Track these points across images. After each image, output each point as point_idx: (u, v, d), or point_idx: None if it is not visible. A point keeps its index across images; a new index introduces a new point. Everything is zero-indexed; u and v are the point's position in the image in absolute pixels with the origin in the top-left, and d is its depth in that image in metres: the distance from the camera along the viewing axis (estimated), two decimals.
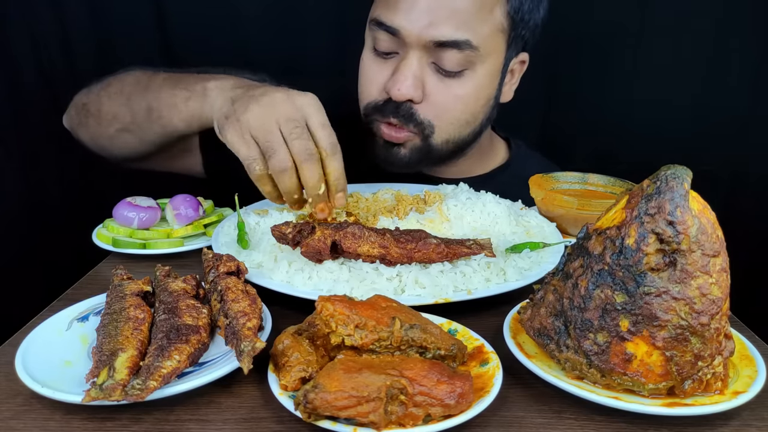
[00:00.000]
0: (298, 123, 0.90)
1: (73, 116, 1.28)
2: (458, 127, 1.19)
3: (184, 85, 1.07)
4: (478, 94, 1.18)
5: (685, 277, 0.60)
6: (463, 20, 1.09)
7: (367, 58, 1.20)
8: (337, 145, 0.92)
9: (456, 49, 1.10)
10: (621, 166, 1.23)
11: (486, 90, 1.19)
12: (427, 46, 1.10)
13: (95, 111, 1.21)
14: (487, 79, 1.17)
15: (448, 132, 1.19)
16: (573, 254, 0.67)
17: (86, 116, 1.23)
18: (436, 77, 1.14)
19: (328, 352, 0.66)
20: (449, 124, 1.18)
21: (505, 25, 1.15)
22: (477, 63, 1.13)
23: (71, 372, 0.66)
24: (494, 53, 1.16)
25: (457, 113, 1.17)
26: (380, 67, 1.17)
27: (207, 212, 1.10)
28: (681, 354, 0.61)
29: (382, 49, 1.15)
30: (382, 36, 1.13)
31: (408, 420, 0.57)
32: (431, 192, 1.11)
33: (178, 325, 0.68)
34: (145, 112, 1.13)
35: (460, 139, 1.22)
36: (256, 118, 0.90)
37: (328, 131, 0.92)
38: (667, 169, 0.62)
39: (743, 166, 1.68)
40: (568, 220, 1.06)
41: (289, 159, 0.89)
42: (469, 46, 1.10)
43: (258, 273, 0.85)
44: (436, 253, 0.85)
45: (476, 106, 1.19)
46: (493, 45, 1.14)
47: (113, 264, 0.96)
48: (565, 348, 0.65)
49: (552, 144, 1.60)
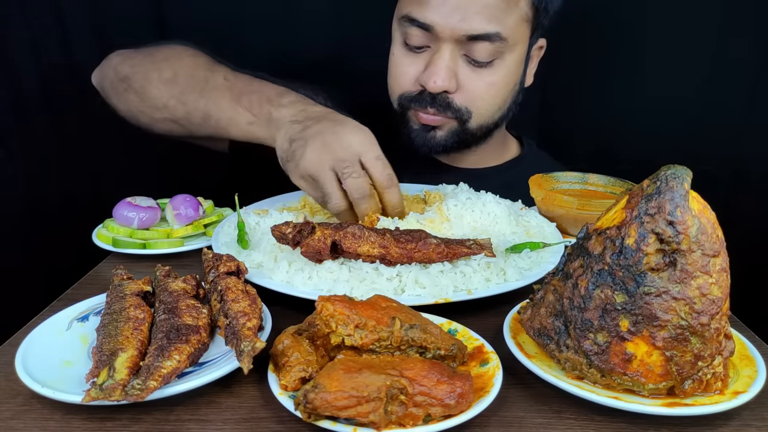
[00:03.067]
0: (350, 162, 0.93)
1: (109, 80, 1.24)
2: (492, 113, 1.26)
3: (247, 104, 1.08)
4: (507, 80, 1.24)
5: (685, 277, 0.60)
6: (493, 13, 1.14)
7: (398, 52, 1.24)
8: (392, 177, 0.96)
9: (487, 41, 1.15)
10: (621, 166, 1.23)
11: (514, 76, 1.25)
12: (459, 40, 1.15)
13: (140, 90, 1.19)
14: (514, 66, 1.23)
15: (484, 117, 1.25)
16: (573, 254, 0.67)
17: (127, 90, 1.21)
18: (468, 68, 1.19)
19: (328, 352, 0.66)
20: (484, 110, 1.24)
21: (530, 15, 1.20)
22: (506, 52, 1.19)
23: (71, 372, 0.66)
24: (520, 42, 1.22)
25: (491, 99, 1.23)
26: (412, 60, 1.22)
27: (207, 212, 1.10)
28: (681, 354, 0.61)
29: (414, 43, 1.20)
30: (414, 32, 1.18)
31: (408, 420, 0.57)
32: (431, 192, 1.11)
33: (178, 325, 0.68)
34: (201, 116, 1.13)
35: (492, 123, 1.28)
36: (311, 163, 0.94)
37: (383, 164, 0.96)
38: (667, 169, 0.62)
39: (743, 166, 1.68)
40: (568, 220, 1.06)
41: (343, 201, 0.95)
42: (499, 38, 1.15)
43: (258, 273, 0.85)
44: (436, 253, 0.85)
45: (506, 91, 1.25)
46: (519, 34, 1.20)
47: (113, 264, 0.96)
48: (565, 348, 0.65)
49: (551, 143, 1.59)
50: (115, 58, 1.25)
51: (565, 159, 1.45)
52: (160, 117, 1.19)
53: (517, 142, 1.48)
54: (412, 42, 1.20)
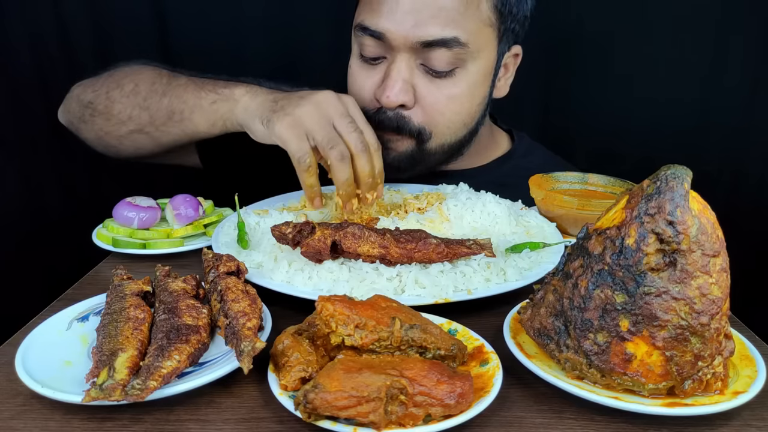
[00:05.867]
0: (352, 117, 0.98)
1: (74, 112, 1.25)
2: (455, 130, 1.17)
3: (210, 88, 1.09)
4: (472, 92, 1.15)
5: (685, 277, 0.60)
6: (450, 18, 1.07)
7: (355, 65, 1.18)
8: (379, 142, 1.00)
9: (444, 47, 1.08)
10: (621, 166, 1.23)
11: (480, 88, 1.17)
12: (414, 48, 1.08)
13: (104, 110, 1.19)
14: (480, 76, 1.15)
15: (445, 136, 1.17)
16: (573, 254, 0.67)
17: (92, 115, 1.21)
18: (426, 79, 1.12)
19: (328, 352, 0.66)
20: (446, 127, 1.16)
21: (493, 19, 1.12)
22: (468, 60, 1.11)
23: (71, 372, 0.66)
24: (485, 49, 1.13)
25: (452, 114, 1.15)
26: (368, 73, 1.15)
27: (207, 212, 1.10)
28: (681, 354, 0.61)
29: (368, 54, 1.13)
30: (368, 41, 1.12)
31: (408, 420, 0.57)
32: (431, 192, 1.11)
33: (178, 325, 0.68)
34: (165, 114, 1.13)
35: (456, 142, 1.19)
36: (310, 115, 0.96)
37: (371, 128, 1.01)
38: (667, 169, 0.62)
39: (743, 166, 1.68)
40: (568, 220, 1.06)
41: (347, 150, 0.96)
42: (457, 44, 1.08)
43: (258, 273, 0.85)
44: (436, 253, 0.85)
45: (471, 105, 1.17)
46: (482, 40, 1.12)
47: (113, 264, 0.96)
48: (565, 348, 0.65)
49: (551, 143, 1.60)
50: (76, 89, 1.26)
51: (565, 159, 1.45)
52: (125, 131, 1.19)
53: (507, 137, 1.40)
54: (367, 53, 1.13)
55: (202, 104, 1.09)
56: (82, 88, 1.24)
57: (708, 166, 1.64)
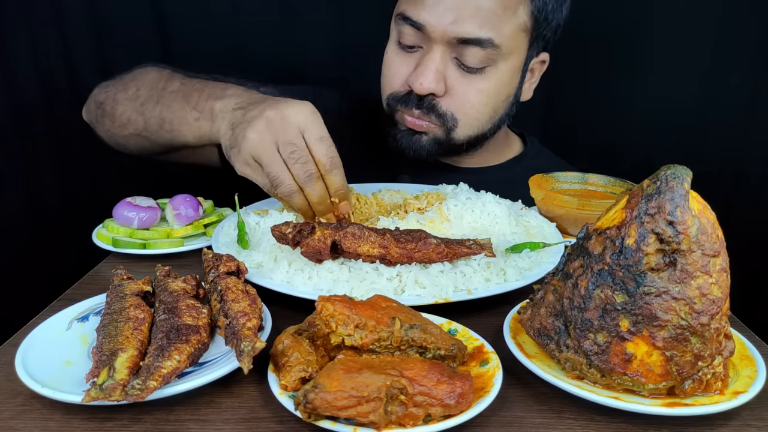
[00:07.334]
0: (295, 145, 0.91)
1: (91, 111, 1.29)
2: (481, 123, 1.23)
3: (194, 102, 1.08)
4: (499, 90, 1.21)
5: (685, 277, 0.60)
6: (487, 19, 1.12)
7: (392, 51, 1.23)
8: (335, 158, 0.93)
9: (478, 46, 1.13)
10: (621, 166, 1.23)
11: (507, 87, 1.22)
12: (450, 42, 1.14)
13: (110, 112, 1.22)
14: (508, 76, 1.21)
15: (471, 127, 1.23)
16: (573, 254, 0.67)
17: (102, 115, 1.24)
18: (458, 72, 1.17)
19: (328, 352, 0.66)
20: (473, 119, 1.21)
21: (529, 25, 1.18)
22: (499, 61, 1.17)
23: (71, 372, 0.66)
24: (516, 52, 1.19)
25: (480, 107, 1.21)
26: (404, 60, 1.21)
27: (207, 212, 1.10)
28: (681, 354, 0.61)
29: (406, 42, 1.19)
30: (407, 30, 1.17)
31: (408, 420, 0.57)
32: (431, 192, 1.11)
33: (178, 325, 0.68)
34: (157, 122, 1.14)
35: (480, 134, 1.25)
36: (255, 145, 0.91)
37: (327, 145, 0.93)
38: (667, 169, 0.62)
39: (743, 166, 1.68)
40: (568, 220, 1.06)
41: (293, 183, 0.92)
42: (491, 45, 1.13)
43: (258, 273, 0.85)
44: (436, 253, 0.85)
45: (497, 101, 1.22)
46: (515, 44, 1.18)
47: (113, 264, 0.96)
48: (565, 348, 0.65)
49: (552, 142, 1.60)
50: (96, 90, 1.28)
51: (566, 158, 1.45)
52: (126, 134, 1.21)
53: (519, 140, 1.47)
54: (405, 41, 1.19)
55: (188, 119, 1.08)
56: (99, 89, 1.27)
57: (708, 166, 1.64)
